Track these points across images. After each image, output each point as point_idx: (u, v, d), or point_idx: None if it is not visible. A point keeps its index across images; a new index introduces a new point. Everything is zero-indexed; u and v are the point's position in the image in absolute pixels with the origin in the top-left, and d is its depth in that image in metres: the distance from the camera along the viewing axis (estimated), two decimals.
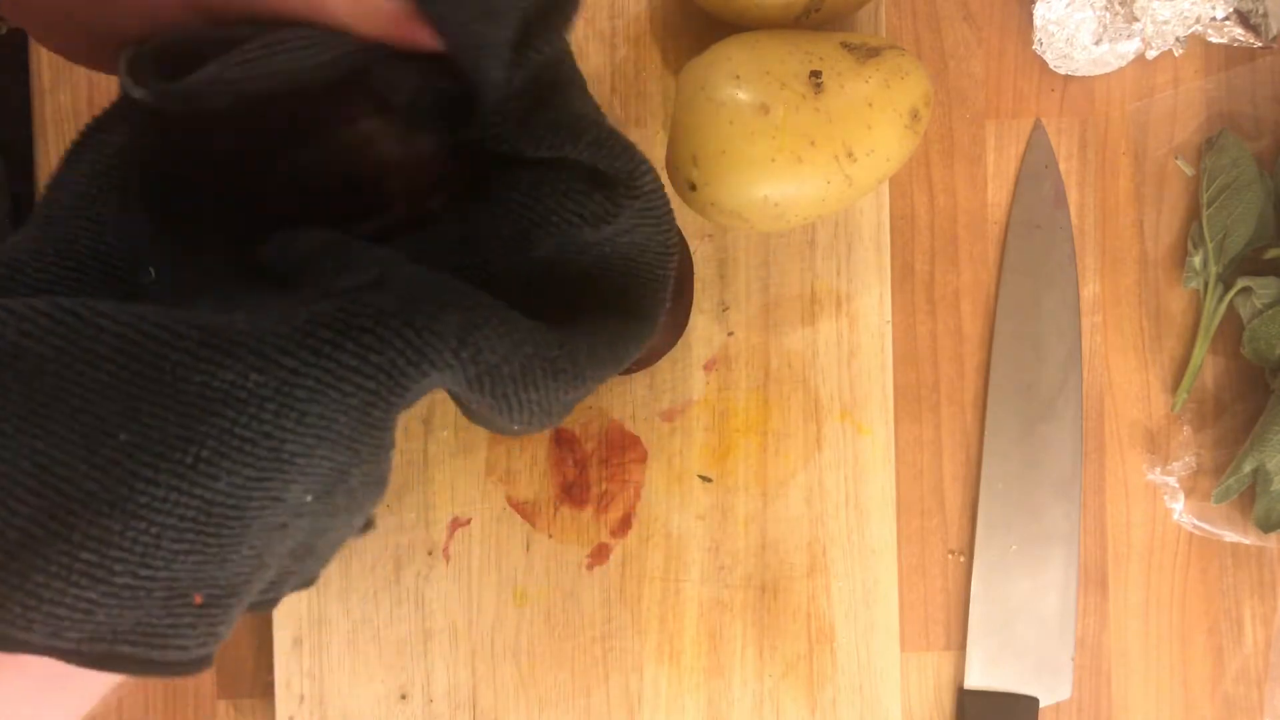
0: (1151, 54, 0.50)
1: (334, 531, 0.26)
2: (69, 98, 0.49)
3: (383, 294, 0.24)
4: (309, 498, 0.23)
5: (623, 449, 0.48)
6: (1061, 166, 0.51)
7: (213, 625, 0.23)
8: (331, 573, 0.47)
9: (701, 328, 0.49)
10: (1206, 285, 0.50)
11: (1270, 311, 0.48)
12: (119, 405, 0.22)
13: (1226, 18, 0.50)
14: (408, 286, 0.24)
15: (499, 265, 0.28)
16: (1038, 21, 0.49)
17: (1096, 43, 0.49)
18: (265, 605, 0.27)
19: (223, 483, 0.22)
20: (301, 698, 0.47)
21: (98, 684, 0.24)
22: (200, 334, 0.22)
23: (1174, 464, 0.51)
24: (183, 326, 0.22)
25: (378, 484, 0.26)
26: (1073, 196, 0.51)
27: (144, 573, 0.22)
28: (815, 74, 0.41)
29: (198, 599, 0.23)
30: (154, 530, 0.21)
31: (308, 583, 0.28)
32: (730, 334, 0.49)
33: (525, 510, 0.48)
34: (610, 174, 0.28)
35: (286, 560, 0.25)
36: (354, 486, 0.25)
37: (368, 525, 0.28)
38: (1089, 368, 0.51)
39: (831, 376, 0.49)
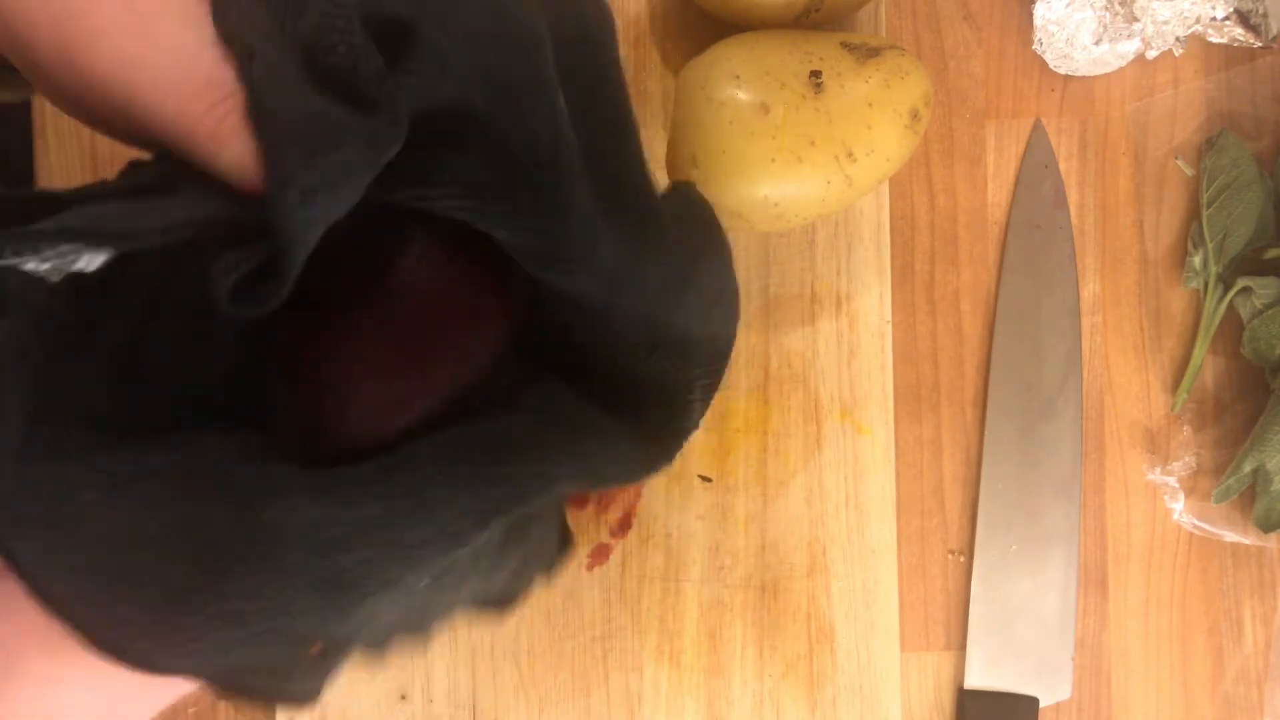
0: (1151, 54, 0.50)
1: (442, 605, 0.29)
2: None
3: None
4: (424, 583, 0.27)
5: None
6: (1061, 166, 0.51)
7: (326, 669, 0.27)
8: None
9: None
10: (1206, 285, 0.50)
11: (1270, 311, 0.48)
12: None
13: (1226, 18, 0.50)
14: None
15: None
16: (1038, 21, 0.49)
17: (1096, 43, 0.49)
18: (377, 658, 0.31)
19: (352, 558, 0.25)
20: None
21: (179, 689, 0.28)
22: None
23: (1174, 464, 0.51)
24: None
25: (489, 569, 0.29)
26: (1073, 196, 0.51)
27: (276, 623, 0.25)
28: (815, 74, 0.41)
29: (316, 649, 0.26)
30: (290, 590, 0.25)
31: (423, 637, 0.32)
32: None
33: None
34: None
35: (397, 621, 0.29)
36: (463, 572, 0.28)
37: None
38: (1089, 368, 0.51)
39: (831, 376, 0.49)
